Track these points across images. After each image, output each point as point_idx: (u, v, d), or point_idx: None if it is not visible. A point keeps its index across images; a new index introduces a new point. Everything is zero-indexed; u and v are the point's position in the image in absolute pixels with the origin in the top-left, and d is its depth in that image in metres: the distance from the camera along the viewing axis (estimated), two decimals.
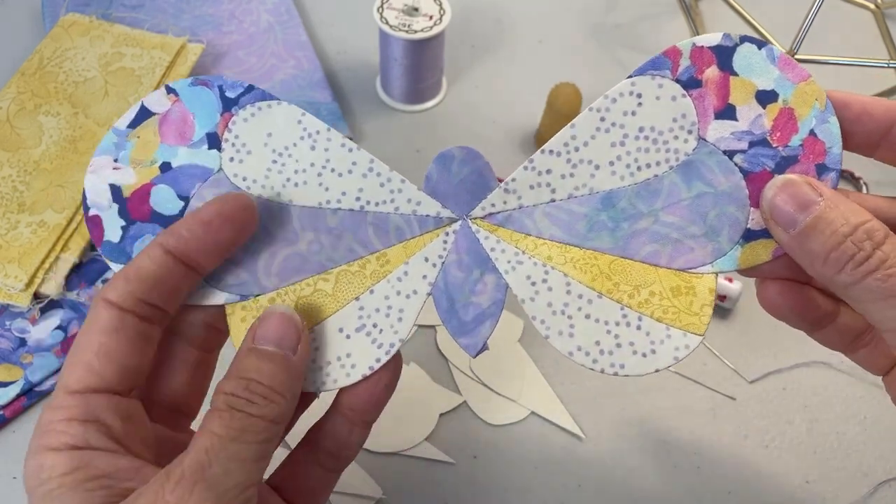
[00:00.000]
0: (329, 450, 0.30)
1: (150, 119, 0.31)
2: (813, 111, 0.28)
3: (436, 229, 0.30)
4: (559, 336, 0.29)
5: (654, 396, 0.45)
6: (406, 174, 0.31)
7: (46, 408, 0.26)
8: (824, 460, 0.43)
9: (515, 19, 0.64)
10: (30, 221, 0.47)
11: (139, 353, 0.27)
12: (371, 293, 0.30)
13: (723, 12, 0.63)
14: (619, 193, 0.29)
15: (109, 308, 0.26)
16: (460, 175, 0.30)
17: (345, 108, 0.57)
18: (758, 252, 0.28)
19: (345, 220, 0.30)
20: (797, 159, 0.28)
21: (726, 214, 0.28)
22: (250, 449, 0.24)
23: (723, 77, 0.28)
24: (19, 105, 0.52)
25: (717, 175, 0.28)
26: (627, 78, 0.29)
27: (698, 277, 0.29)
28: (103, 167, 0.30)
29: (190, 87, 0.31)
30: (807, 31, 0.51)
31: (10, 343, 0.45)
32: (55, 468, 0.24)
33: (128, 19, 0.59)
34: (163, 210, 0.30)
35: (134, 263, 0.27)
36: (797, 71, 0.28)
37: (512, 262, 0.30)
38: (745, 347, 0.47)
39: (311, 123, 0.31)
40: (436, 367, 0.46)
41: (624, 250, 0.29)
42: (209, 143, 0.30)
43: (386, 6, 0.53)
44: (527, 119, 0.57)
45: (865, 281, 0.24)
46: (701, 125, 0.29)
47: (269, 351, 0.27)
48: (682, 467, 0.43)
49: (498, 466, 0.43)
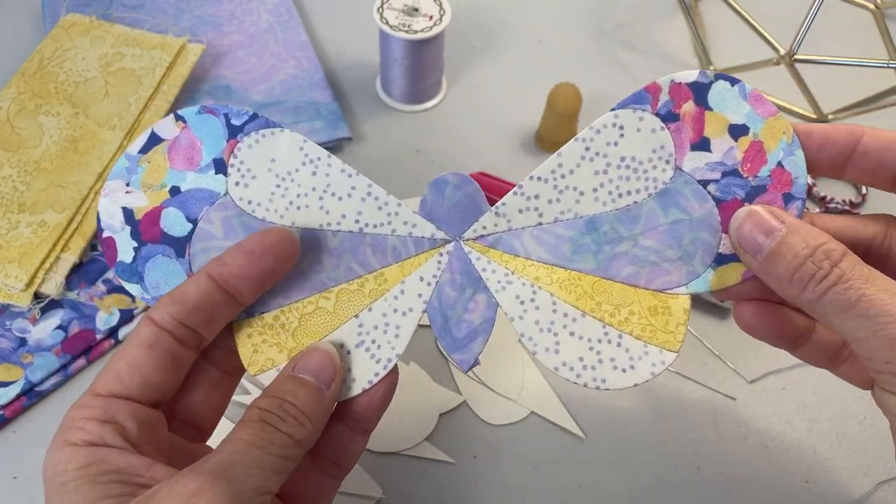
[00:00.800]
0: (330, 457, 0.32)
1: (160, 145, 0.32)
2: (780, 144, 0.30)
3: (430, 250, 0.32)
4: (546, 352, 0.31)
5: (654, 396, 0.45)
6: (406, 174, 0.32)
7: (72, 407, 0.28)
8: (824, 460, 0.43)
9: (515, 19, 0.64)
10: (30, 221, 0.47)
11: (166, 371, 0.29)
12: (370, 311, 0.32)
13: (723, 12, 0.63)
14: (601, 218, 0.31)
15: (149, 325, 0.28)
16: (453, 199, 0.32)
17: (345, 108, 0.57)
18: (728, 275, 0.30)
19: (344, 242, 0.32)
20: (766, 189, 0.30)
21: (700, 240, 0.30)
22: (272, 460, 0.26)
23: (698, 111, 0.31)
24: (20, 105, 0.52)
25: (692, 203, 0.31)
26: (610, 111, 0.31)
27: (674, 298, 0.31)
28: (116, 191, 0.32)
29: (197, 114, 0.32)
30: (807, 31, 0.51)
31: (11, 343, 0.45)
32: (72, 462, 0.26)
33: (128, 19, 0.59)
34: (172, 232, 0.32)
35: (180, 287, 0.29)
36: (767, 107, 0.30)
37: (502, 281, 0.31)
38: (745, 347, 0.47)
39: (312, 150, 0.32)
40: (436, 367, 0.46)
41: (606, 272, 0.31)
42: (216, 168, 0.32)
43: (386, 6, 0.53)
44: (527, 119, 0.57)
45: (827, 296, 0.26)
46: (678, 156, 0.31)
47: (306, 380, 0.29)
48: (682, 467, 0.43)
49: (498, 466, 0.43)
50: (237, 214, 0.32)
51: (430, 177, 0.53)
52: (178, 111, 0.32)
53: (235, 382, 0.33)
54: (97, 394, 0.28)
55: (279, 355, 0.31)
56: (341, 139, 0.54)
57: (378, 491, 0.41)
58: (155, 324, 0.28)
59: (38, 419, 0.44)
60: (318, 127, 0.54)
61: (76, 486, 0.25)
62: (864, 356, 0.26)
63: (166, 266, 0.32)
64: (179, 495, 0.24)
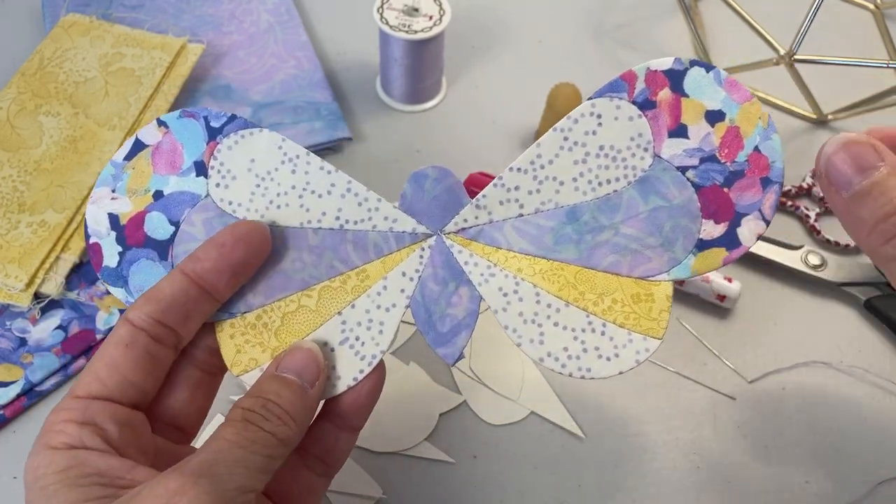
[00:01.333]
0: (318, 455, 0.32)
1: (144, 151, 0.33)
2: (756, 129, 0.30)
3: (412, 245, 0.32)
4: (530, 343, 0.31)
5: (654, 396, 0.45)
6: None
7: (52, 410, 0.27)
8: (824, 460, 0.43)
9: (515, 19, 0.64)
10: (30, 221, 0.47)
11: (145, 371, 0.28)
12: (352, 307, 0.32)
13: (723, 12, 0.63)
14: (582, 208, 0.31)
15: (125, 325, 0.28)
16: (433, 192, 0.32)
17: (345, 108, 0.57)
18: (710, 260, 0.30)
19: (325, 239, 0.32)
20: (744, 174, 0.30)
21: (680, 226, 0.30)
22: (256, 459, 0.26)
23: (675, 98, 0.31)
24: (20, 105, 0.52)
25: (671, 189, 0.31)
26: (588, 99, 0.31)
27: (656, 285, 0.31)
28: (102, 198, 0.32)
29: (178, 119, 0.33)
30: (806, 31, 0.51)
31: (11, 343, 0.45)
32: (51, 465, 0.25)
33: (128, 19, 0.59)
34: (155, 235, 0.32)
35: (155, 286, 0.29)
36: (742, 92, 0.30)
37: (485, 274, 0.31)
38: (745, 347, 0.47)
39: (290, 148, 0.32)
40: (436, 367, 0.46)
41: (588, 261, 0.31)
42: (197, 170, 0.32)
43: (386, 6, 0.53)
44: (527, 119, 0.57)
45: None
46: (656, 143, 0.31)
47: (289, 379, 0.29)
48: (682, 467, 0.43)
49: (498, 466, 0.43)
50: (218, 216, 0.32)
51: None
52: (160, 117, 0.33)
53: (218, 383, 0.33)
54: (77, 396, 0.27)
55: (262, 355, 0.31)
56: (341, 139, 0.54)
57: (378, 491, 0.41)
58: (131, 323, 0.28)
59: (38, 419, 0.44)
60: (318, 127, 0.54)
61: (56, 490, 0.25)
62: None
63: (150, 269, 0.32)
64: (161, 495, 0.24)
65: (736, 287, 0.47)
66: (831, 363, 0.47)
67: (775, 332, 0.48)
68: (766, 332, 0.48)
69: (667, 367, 0.46)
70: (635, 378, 0.45)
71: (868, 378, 0.46)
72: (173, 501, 0.23)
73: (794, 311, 0.49)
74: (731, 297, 0.47)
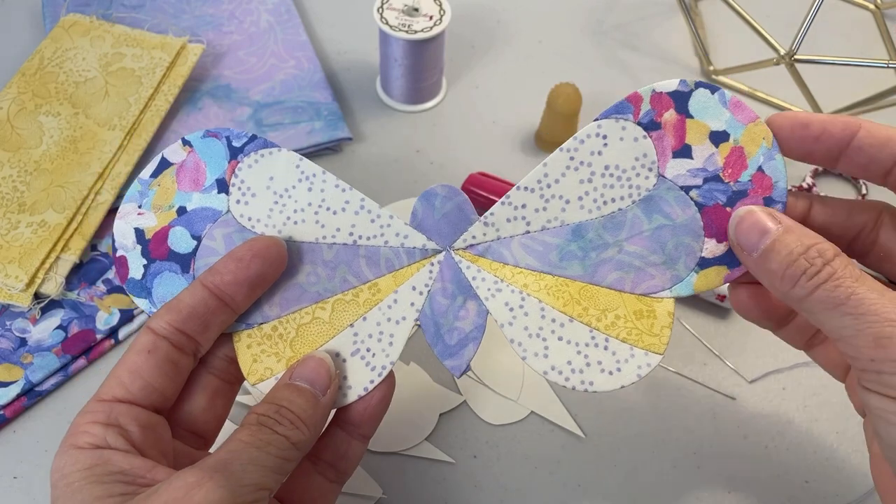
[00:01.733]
0: (329, 461, 0.33)
1: (169, 169, 0.34)
2: (761, 149, 0.30)
3: (422, 260, 0.33)
4: (535, 357, 0.31)
5: (654, 396, 0.45)
6: (406, 174, 0.32)
7: (79, 413, 0.29)
8: (824, 460, 0.43)
9: (515, 19, 0.64)
10: (30, 221, 0.47)
11: (166, 376, 0.30)
12: (364, 320, 0.33)
13: (723, 12, 0.63)
14: (587, 226, 0.32)
15: (148, 333, 0.30)
16: (443, 210, 0.33)
17: (345, 109, 0.57)
18: (711, 278, 0.31)
19: (339, 254, 0.33)
20: (747, 193, 0.31)
21: (683, 244, 0.31)
22: (270, 458, 0.27)
23: (680, 120, 0.31)
24: (20, 105, 0.52)
25: (674, 209, 0.31)
26: (594, 121, 0.31)
27: (658, 302, 0.31)
28: (129, 213, 0.34)
29: (202, 138, 0.34)
30: (806, 31, 0.51)
31: (11, 343, 0.45)
32: (77, 464, 0.27)
33: (128, 19, 0.59)
34: (178, 249, 0.33)
35: (177, 297, 0.31)
36: (746, 113, 0.31)
37: (492, 289, 0.32)
38: (745, 347, 0.47)
39: (308, 167, 0.33)
40: (436, 367, 0.46)
41: (592, 277, 0.32)
42: (219, 188, 0.34)
43: (386, 6, 0.53)
44: (527, 119, 0.57)
45: (816, 293, 0.27)
46: (660, 163, 0.31)
47: (302, 387, 0.30)
48: (682, 467, 0.43)
49: (498, 466, 0.43)
50: (238, 231, 0.33)
51: (430, 177, 0.54)
52: (185, 136, 0.34)
53: (236, 391, 0.34)
54: (101, 399, 0.29)
55: (278, 364, 0.32)
56: (341, 139, 0.54)
57: (378, 491, 0.41)
58: (153, 332, 0.30)
59: (38, 419, 0.44)
60: (318, 127, 0.54)
61: (80, 486, 0.26)
62: (849, 354, 0.27)
63: (172, 281, 0.33)
64: (179, 488, 0.25)
65: None
66: None
67: None
68: (766, 332, 0.48)
69: (667, 368, 0.46)
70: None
71: None
72: (191, 493, 0.25)
73: None
74: None
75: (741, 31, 0.56)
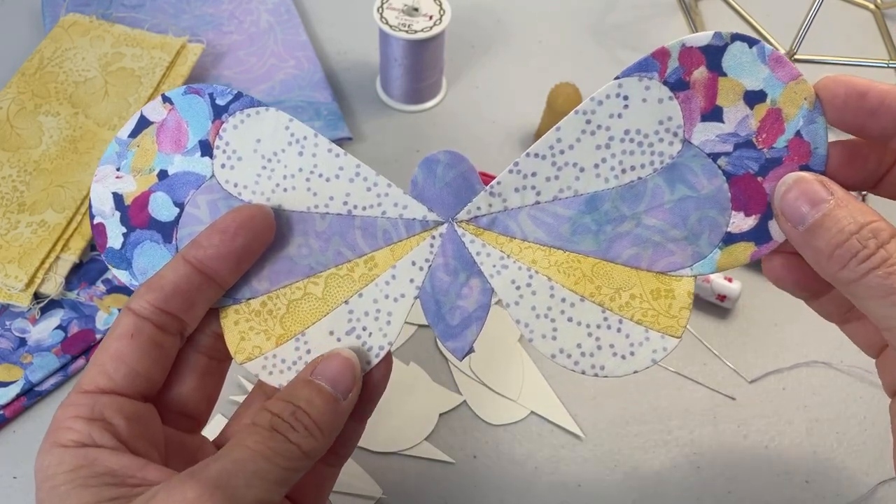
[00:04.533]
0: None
1: (149, 128, 0.31)
2: (801, 111, 0.27)
3: (422, 233, 0.30)
4: (542, 339, 0.29)
5: (654, 396, 0.45)
6: (406, 174, 0.31)
7: (60, 406, 0.27)
8: (824, 460, 0.43)
9: (515, 19, 0.64)
10: (30, 221, 0.47)
11: (151, 360, 0.28)
12: (360, 296, 0.30)
13: (723, 12, 0.63)
14: (603, 196, 0.29)
15: (128, 315, 0.28)
16: (445, 179, 0.30)
17: (345, 108, 0.57)
18: (736, 255, 0.28)
19: (333, 225, 0.31)
20: (781, 161, 0.28)
21: (707, 218, 0.28)
22: (277, 471, 0.25)
23: (711, 78, 0.28)
24: (19, 105, 0.52)
25: (700, 178, 0.28)
26: (615, 79, 0.29)
27: (678, 280, 0.29)
28: (107, 176, 0.31)
29: (183, 95, 0.31)
30: (806, 30, 0.51)
31: (10, 343, 0.45)
32: (61, 465, 0.25)
33: (128, 19, 0.59)
34: (160, 217, 0.31)
35: (157, 273, 0.28)
36: (788, 69, 0.28)
37: (497, 266, 0.30)
38: (745, 347, 0.47)
39: (298, 129, 0.31)
40: (436, 367, 0.46)
41: (606, 253, 0.29)
42: (202, 150, 0.31)
43: (386, 6, 0.53)
44: (527, 119, 0.57)
45: (867, 278, 0.24)
46: (687, 128, 0.28)
47: (323, 388, 0.28)
48: (682, 467, 0.43)
49: (498, 466, 0.43)
50: (223, 198, 0.31)
51: None
52: (165, 93, 0.31)
53: (226, 368, 0.32)
54: (84, 391, 0.27)
55: (267, 343, 0.30)
56: (341, 139, 0.54)
57: (378, 491, 0.41)
58: (134, 313, 0.28)
59: (38, 419, 0.44)
60: (317, 127, 0.54)
61: (67, 491, 0.25)
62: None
63: (154, 251, 0.31)
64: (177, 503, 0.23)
65: (736, 287, 0.47)
66: (831, 363, 0.47)
67: (775, 332, 0.48)
68: (766, 332, 0.48)
69: (667, 367, 0.46)
70: (635, 378, 0.45)
71: (868, 378, 0.46)
72: None
73: (793, 311, 0.49)
74: (731, 297, 0.47)
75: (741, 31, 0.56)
